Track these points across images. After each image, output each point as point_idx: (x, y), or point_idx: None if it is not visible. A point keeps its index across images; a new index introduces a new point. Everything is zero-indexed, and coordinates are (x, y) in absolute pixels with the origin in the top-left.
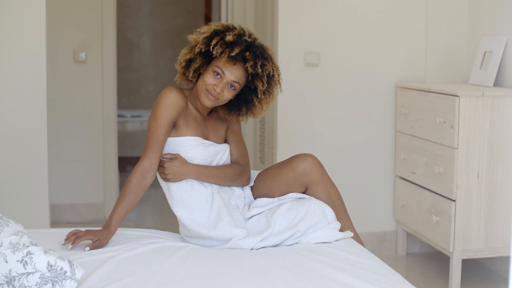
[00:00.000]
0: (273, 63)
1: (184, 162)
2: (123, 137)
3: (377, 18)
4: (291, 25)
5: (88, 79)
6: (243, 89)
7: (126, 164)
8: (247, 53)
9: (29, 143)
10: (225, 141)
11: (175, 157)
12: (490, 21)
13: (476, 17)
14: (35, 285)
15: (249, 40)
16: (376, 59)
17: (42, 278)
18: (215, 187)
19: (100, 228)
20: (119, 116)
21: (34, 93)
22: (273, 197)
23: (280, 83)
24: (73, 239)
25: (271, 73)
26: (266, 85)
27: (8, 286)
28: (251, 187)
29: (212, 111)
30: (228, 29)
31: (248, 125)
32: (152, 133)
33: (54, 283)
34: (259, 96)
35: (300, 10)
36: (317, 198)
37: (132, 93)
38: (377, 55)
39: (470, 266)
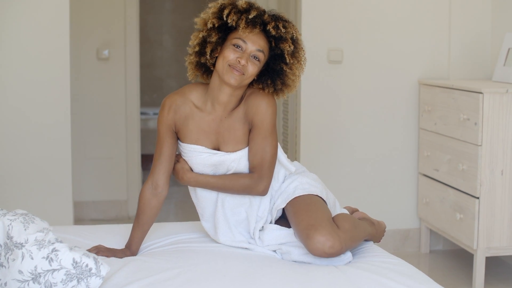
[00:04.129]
0: (293, 25)
1: (183, 169)
2: (146, 134)
3: (400, 15)
4: (314, 22)
5: (111, 77)
6: (268, 62)
7: (149, 161)
8: (266, 16)
9: (53, 140)
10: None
11: (179, 161)
12: None
13: (499, 13)
14: (61, 281)
15: (260, 8)
16: (400, 56)
17: (68, 275)
18: (221, 194)
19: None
20: (141, 113)
21: (58, 90)
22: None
23: (304, 49)
24: (94, 252)
25: (295, 36)
26: (293, 46)
27: (33, 282)
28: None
29: (237, 107)
30: (236, 0)
31: None
32: (156, 148)
33: (80, 280)
34: (288, 60)
35: (323, 6)
36: None
37: (155, 90)
38: (400, 52)
39: (494, 264)
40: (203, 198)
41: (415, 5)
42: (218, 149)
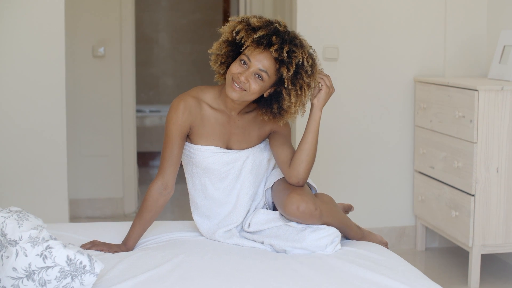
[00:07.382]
0: (304, 51)
1: None
2: (142, 132)
3: (396, 12)
4: (309, 19)
5: (107, 74)
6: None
7: (145, 159)
8: (274, 37)
9: (49, 138)
10: (260, 143)
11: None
12: (509, 15)
13: (495, 11)
14: (55, 279)
15: (279, 27)
16: (395, 54)
17: (62, 272)
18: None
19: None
20: (137, 111)
21: (53, 88)
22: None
23: (313, 75)
24: (89, 246)
25: (301, 62)
26: (292, 72)
27: (27, 280)
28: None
29: (249, 112)
30: (256, 16)
31: None
32: (165, 148)
33: (74, 277)
34: (286, 85)
35: (318, 3)
36: None
37: (151, 88)
38: (396, 50)
39: (489, 261)
40: (217, 200)
41: (411, 2)
42: (228, 148)
